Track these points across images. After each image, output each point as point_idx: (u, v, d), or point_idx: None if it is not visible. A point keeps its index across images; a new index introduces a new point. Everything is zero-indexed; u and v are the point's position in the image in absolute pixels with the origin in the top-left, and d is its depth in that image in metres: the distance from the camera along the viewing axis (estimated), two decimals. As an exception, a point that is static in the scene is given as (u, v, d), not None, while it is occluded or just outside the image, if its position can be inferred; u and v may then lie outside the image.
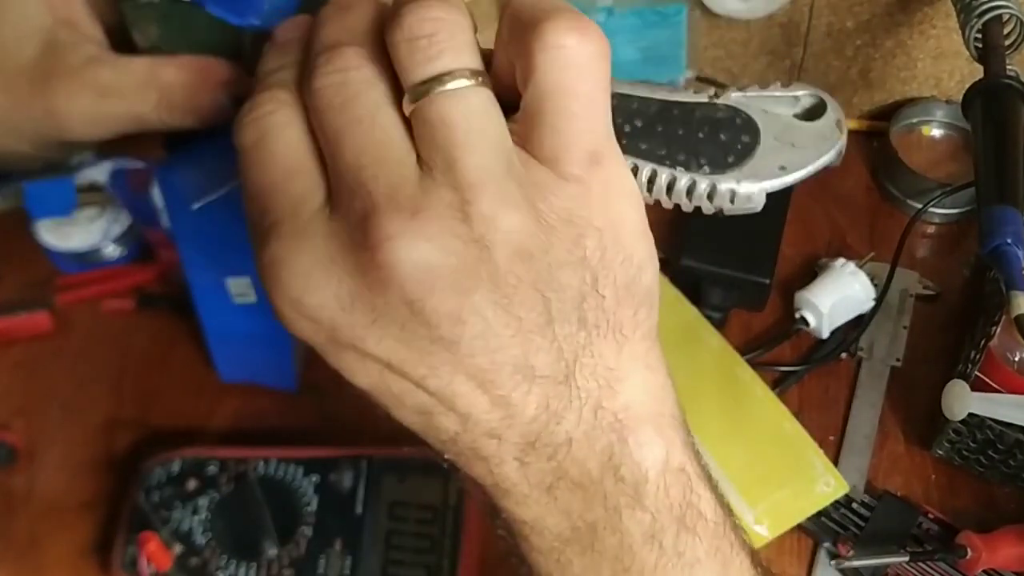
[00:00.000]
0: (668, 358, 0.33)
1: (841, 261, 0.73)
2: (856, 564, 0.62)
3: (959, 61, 0.81)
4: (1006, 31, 0.68)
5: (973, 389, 0.61)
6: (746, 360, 0.70)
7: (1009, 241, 0.58)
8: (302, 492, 0.62)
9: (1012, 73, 0.66)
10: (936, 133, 0.85)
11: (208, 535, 0.60)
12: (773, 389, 0.69)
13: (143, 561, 0.58)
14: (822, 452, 0.65)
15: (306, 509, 0.61)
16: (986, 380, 0.64)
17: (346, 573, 0.59)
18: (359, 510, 0.61)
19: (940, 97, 0.84)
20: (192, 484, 0.62)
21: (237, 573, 0.59)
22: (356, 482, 0.62)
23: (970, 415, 0.61)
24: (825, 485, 0.64)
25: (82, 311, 0.74)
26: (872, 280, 0.72)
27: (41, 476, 0.67)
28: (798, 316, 0.72)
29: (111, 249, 0.75)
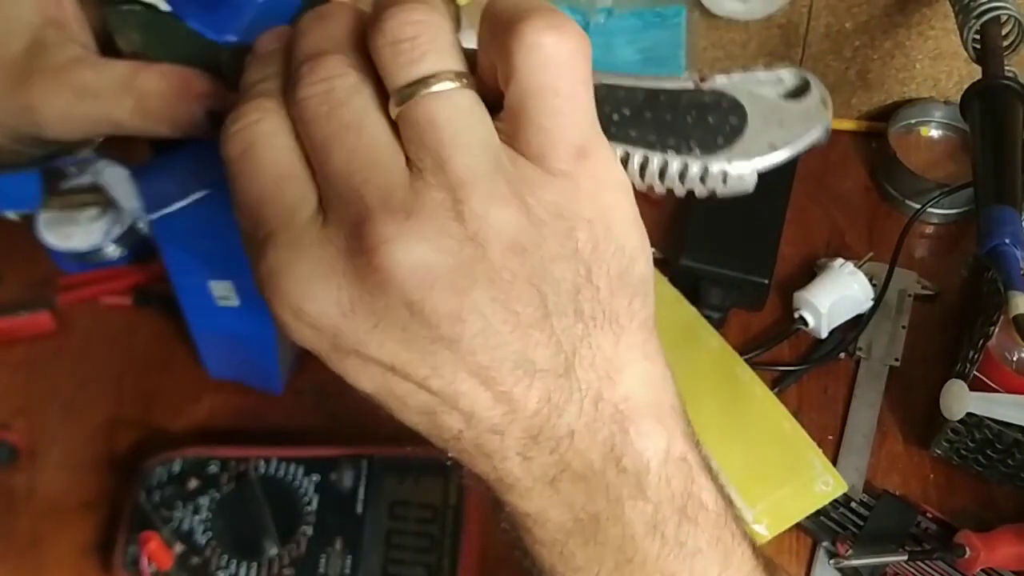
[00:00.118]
0: (667, 358, 0.33)
1: (840, 261, 0.73)
2: (855, 563, 0.62)
3: (957, 62, 0.81)
4: (1004, 32, 0.68)
5: (971, 389, 0.61)
6: (745, 360, 0.70)
7: (1007, 241, 0.58)
8: (303, 491, 0.62)
9: (1010, 74, 0.66)
10: (934, 134, 0.85)
11: (209, 534, 0.60)
12: (772, 389, 0.70)
13: (144, 560, 0.58)
14: (821, 451, 0.65)
15: (307, 508, 0.61)
16: (984, 380, 0.64)
17: (347, 572, 0.59)
18: (360, 509, 0.61)
19: (938, 98, 0.84)
20: (193, 483, 0.62)
21: (238, 572, 0.59)
22: (357, 481, 0.62)
23: (968, 415, 0.61)
24: (824, 484, 0.64)
25: (83, 311, 0.74)
26: (871, 280, 0.72)
27: (42, 475, 0.67)
28: (797, 316, 0.72)
29: (112, 249, 0.75)
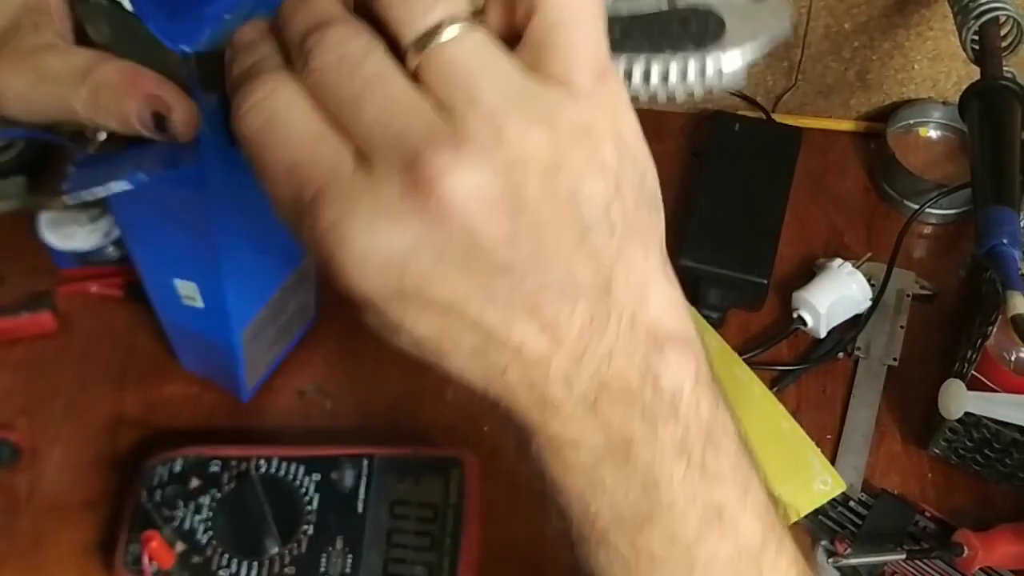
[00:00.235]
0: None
1: (838, 261, 0.73)
2: (853, 562, 0.62)
3: (956, 63, 0.81)
4: (1002, 33, 0.68)
5: (969, 388, 0.61)
6: (744, 360, 0.70)
7: (1005, 241, 0.58)
8: (304, 491, 0.62)
9: (1008, 75, 0.66)
10: (933, 134, 0.85)
11: (210, 533, 0.60)
12: (771, 388, 0.70)
13: (146, 559, 0.58)
14: (819, 451, 0.65)
15: (307, 508, 0.61)
16: (982, 379, 0.64)
17: (347, 571, 0.59)
18: (360, 509, 0.61)
19: (937, 98, 0.84)
20: (194, 483, 0.62)
21: (239, 571, 0.59)
22: (357, 481, 0.62)
23: (966, 414, 0.61)
24: (822, 483, 0.64)
25: (85, 311, 0.74)
26: (869, 280, 0.73)
27: (44, 475, 0.67)
28: (796, 316, 0.73)
29: (112, 250, 0.75)
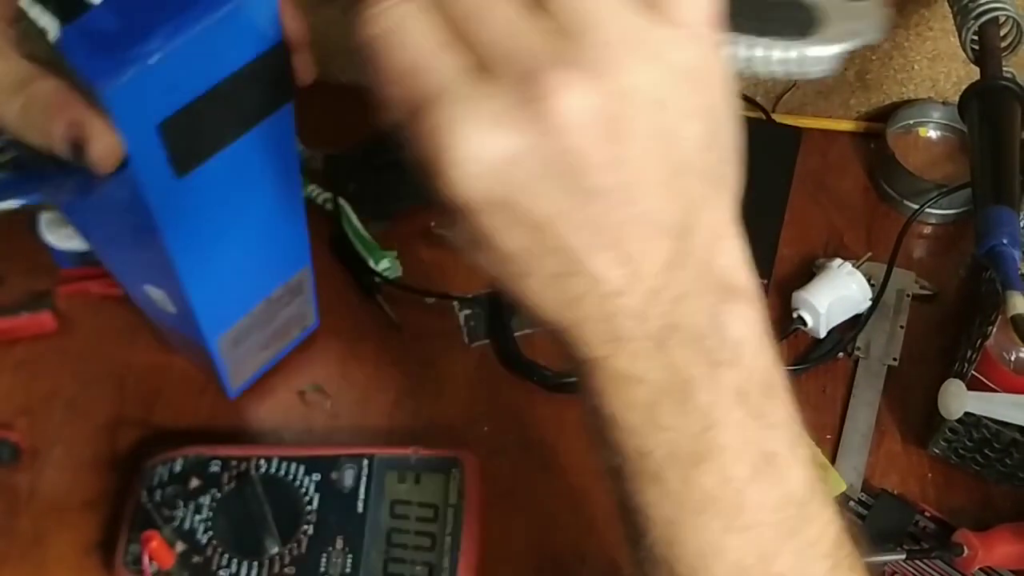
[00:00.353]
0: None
1: (838, 261, 0.73)
2: (853, 562, 0.62)
3: (955, 63, 0.81)
4: (1002, 33, 0.68)
5: (969, 388, 0.61)
6: (744, 360, 0.70)
7: (1005, 242, 0.58)
8: (304, 491, 0.62)
9: (1008, 75, 0.66)
10: (933, 134, 0.85)
11: (210, 533, 0.60)
12: (771, 388, 0.70)
13: (146, 559, 0.58)
14: (819, 451, 0.65)
15: (307, 507, 0.61)
16: (982, 379, 0.64)
17: (347, 571, 0.59)
18: (360, 508, 0.61)
19: (937, 99, 0.84)
20: (194, 483, 0.62)
21: (239, 571, 0.59)
22: (357, 481, 0.62)
23: (966, 414, 0.61)
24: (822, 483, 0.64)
25: (85, 311, 0.74)
26: (869, 280, 0.73)
27: (44, 475, 0.67)
28: (795, 316, 0.73)
29: (113, 250, 0.75)
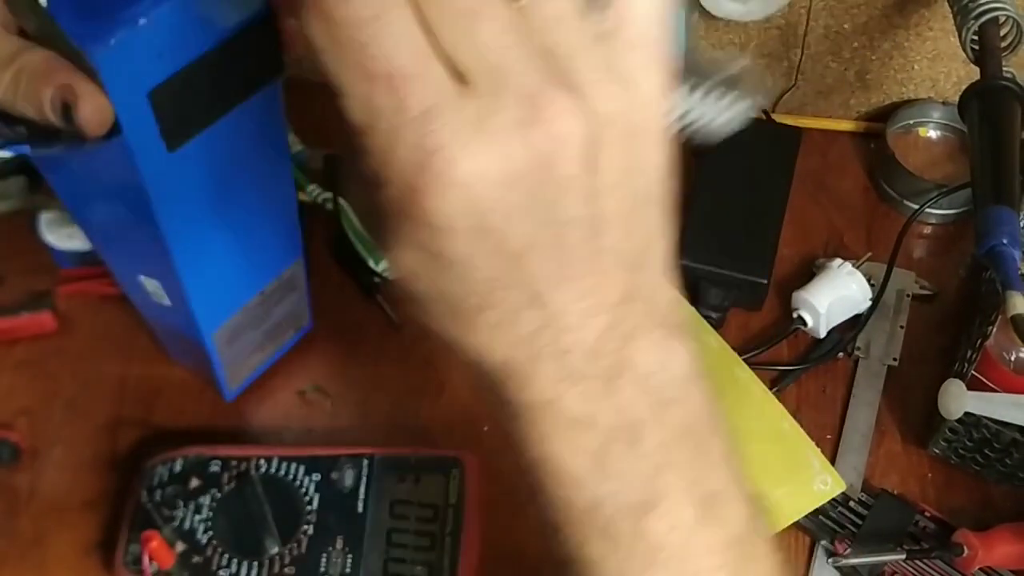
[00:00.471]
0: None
1: (838, 261, 0.73)
2: (853, 562, 0.62)
3: (956, 63, 0.81)
4: (1002, 33, 0.68)
5: (969, 388, 0.61)
6: (744, 360, 0.70)
7: (1005, 241, 0.58)
8: (304, 491, 0.62)
9: (1008, 75, 0.66)
10: (933, 134, 0.85)
11: (210, 533, 0.60)
12: (771, 388, 0.70)
13: (146, 559, 0.58)
14: (819, 451, 0.65)
15: (308, 507, 0.61)
16: (982, 379, 0.64)
17: (347, 571, 0.59)
18: (360, 508, 0.61)
19: (937, 99, 0.84)
20: (194, 483, 0.62)
21: (239, 571, 0.59)
22: (357, 481, 0.62)
23: (966, 414, 0.61)
24: (822, 483, 0.64)
25: (85, 311, 0.74)
26: (869, 280, 0.73)
27: (44, 475, 0.67)
28: (796, 316, 0.73)
29: (113, 250, 0.75)
